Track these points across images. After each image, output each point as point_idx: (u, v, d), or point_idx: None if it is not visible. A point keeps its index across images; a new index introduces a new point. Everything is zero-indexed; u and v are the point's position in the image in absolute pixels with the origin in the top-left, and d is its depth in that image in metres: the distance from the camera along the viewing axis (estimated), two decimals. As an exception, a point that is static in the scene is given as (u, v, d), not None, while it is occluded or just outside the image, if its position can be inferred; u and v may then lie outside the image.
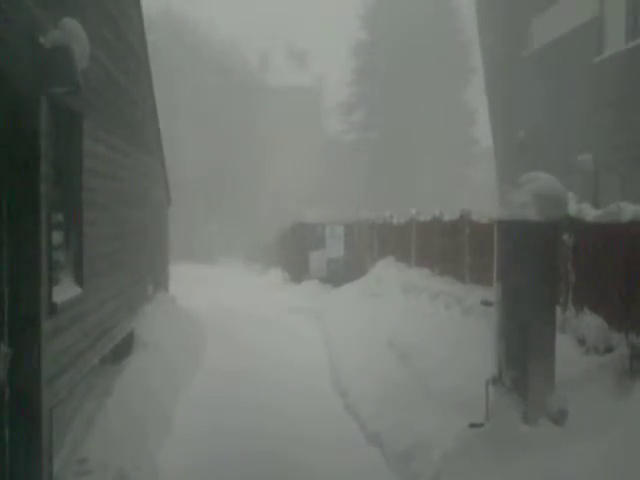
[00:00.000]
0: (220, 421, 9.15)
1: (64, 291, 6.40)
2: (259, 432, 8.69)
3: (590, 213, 7.05)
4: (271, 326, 16.95)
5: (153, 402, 8.99)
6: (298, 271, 25.67)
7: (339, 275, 22.23)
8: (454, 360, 8.91)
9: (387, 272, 16.34)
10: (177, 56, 45.22)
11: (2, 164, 5.25)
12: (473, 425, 6.41)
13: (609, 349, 6.36)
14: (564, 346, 6.52)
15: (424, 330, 10.89)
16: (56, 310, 5.91)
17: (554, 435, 5.66)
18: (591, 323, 6.72)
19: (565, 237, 7.32)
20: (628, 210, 6.35)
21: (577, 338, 6.90)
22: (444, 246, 13.03)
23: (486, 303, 7.77)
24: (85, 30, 6.07)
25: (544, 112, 18.00)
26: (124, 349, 10.23)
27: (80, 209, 7.15)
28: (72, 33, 5.75)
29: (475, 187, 43.38)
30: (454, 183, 45.15)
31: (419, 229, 15.07)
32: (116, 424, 7.69)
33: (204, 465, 7.60)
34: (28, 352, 5.38)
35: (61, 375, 6.22)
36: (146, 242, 12.96)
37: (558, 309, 6.73)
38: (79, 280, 7.07)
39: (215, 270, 35.26)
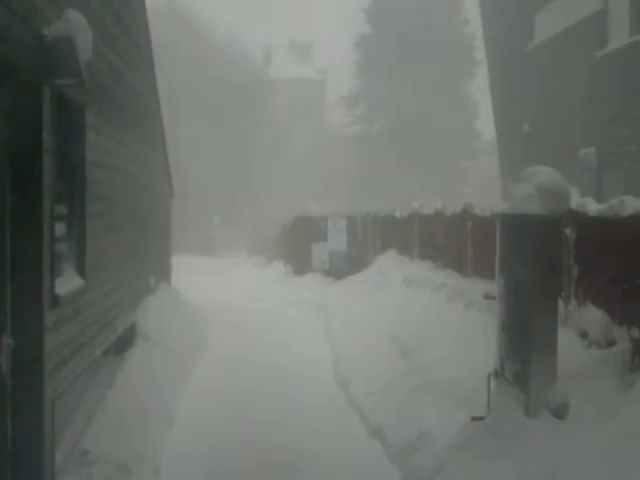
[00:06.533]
0: (221, 413, 9.17)
1: (67, 283, 6.40)
2: (261, 424, 8.72)
3: (593, 207, 7.04)
4: (273, 318, 16.98)
5: (155, 394, 9.01)
6: (301, 264, 25.68)
7: (341, 268, 22.22)
8: (456, 353, 8.92)
9: (389, 265, 16.34)
10: (180, 48, 45.19)
11: (5, 156, 5.24)
12: (475, 418, 6.43)
13: (611, 343, 6.35)
14: (566, 340, 6.51)
15: (426, 323, 10.90)
16: (58, 302, 5.91)
17: (556, 428, 5.67)
18: (593, 317, 6.71)
19: (568, 231, 7.32)
20: (631, 204, 6.34)
21: (579, 332, 6.90)
22: (446, 239, 13.03)
23: (488, 296, 7.76)
24: (88, 21, 6.06)
25: (548, 106, 17.98)
26: (126, 341, 10.25)
27: (83, 201, 7.15)
28: (75, 25, 5.73)
29: (478, 180, 43.36)
30: (457, 176, 45.13)
31: (421, 222, 15.07)
32: (118, 416, 7.70)
33: (206, 456, 7.63)
34: (30, 343, 5.39)
35: (63, 367, 6.23)
36: (149, 234, 12.96)
37: (560, 303, 6.73)
38: (82, 272, 7.07)
39: (218, 262, 35.31)
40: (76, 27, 5.71)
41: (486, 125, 33.42)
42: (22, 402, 5.37)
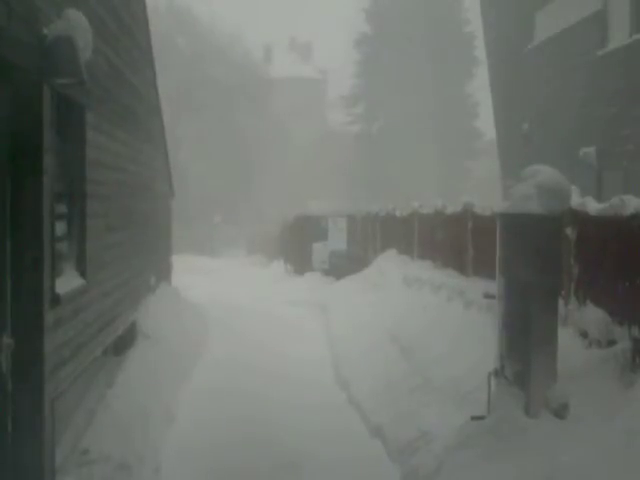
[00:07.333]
0: (222, 413, 9.16)
1: (67, 282, 6.40)
2: (261, 423, 8.72)
3: (593, 206, 7.04)
4: (273, 318, 16.97)
5: (155, 393, 9.01)
6: (301, 263, 25.70)
7: (341, 267, 22.21)
8: (456, 353, 8.91)
9: (389, 265, 16.34)
10: (180, 48, 45.18)
11: (6, 155, 5.25)
12: (475, 418, 6.42)
13: (611, 343, 6.35)
14: (566, 339, 6.51)
15: (426, 323, 10.90)
16: (59, 301, 5.91)
17: (556, 428, 5.67)
18: (593, 316, 6.71)
19: (568, 230, 7.31)
20: (631, 203, 6.34)
21: (579, 331, 6.89)
22: (447, 239, 13.03)
23: (489, 296, 7.76)
24: (88, 21, 6.06)
25: (548, 105, 17.98)
26: (127, 340, 10.25)
27: (83, 200, 7.15)
28: (75, 24, 5.73)
29: (478, 180, 43.38)
30: (457, 176, 45.15)
31: (422, 222, 15.07)
32: (118, 415, 7.71)
33: (206, 456, 7.63)
34: (31, 343, 5.39)
35: (63, 366, 6.23)
36: (149, 233, 12.96)
37: (560, 302, 6.73)
38: (82, 271, 7.07)
39: (218, 262, 35.31)
40: (76, 26, 5.72)
41: (487, 124, 33.43)
42: (22, 402, 5.37)
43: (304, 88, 63.41)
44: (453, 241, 12.51)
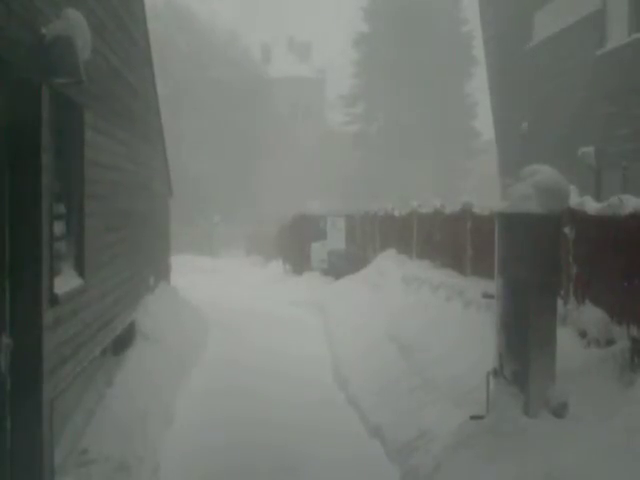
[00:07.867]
0: (221, 413, 9.17)
1: (65, 282, 6.40)
2: (260, 423, 8.71)
3: (592, 206, 7.04)
4: (272, 317, 16.97)
5: (154, 393, 9.00)
6: (299, 263, 25.70)
7: (340, 267, 22.20)
8: (455, 352, 8.91)
9: (388, 264, 16.33)
10: (179, 47, 45.14)
11: (4, 154, 5.24)
12: (474, 417, 6.42)
13: (610, 342, 6.35)
14: (565, 339, 6.51)
15: (425, 322, 10.89)
16: (57, 301, 5.91)
17: (555, 427, 5.66)
18: (592, 316, 6.71)
19: (567, 230, 7.31)
20: (630, 203, 6.34)
21: (578, 331, 6.90)
22: (445, 238, 13.03)
23: (487, 295, 7.76)
24: (87, 20, 6.05)
25: (546, 105, 17.99)
26: (125, 340, 10.24)
27: (81, 200, 7.14)
28: (74, 24, 5.73)
29: (477, 179, 43.39)
30: (456, 176, 45.18)
31: (420, 221, 15.07)
32: (117, 415, 7.70)
33: (206, 455, 7.62)
34: (29, 343, 5.38)
35: (62, 366, 6.23)
36: (148, 233, 12.95)
37: (559, 302, 6.73)
38: (80, 271, 7.07)
39: (217, 262, 35.29)
40: (75, 26, 5.71)
41: (485, 124, 33.45)
42: (21, 401, 5.37)
43: (303, 88, 63.37)
44: (452, 241, 12.51)
